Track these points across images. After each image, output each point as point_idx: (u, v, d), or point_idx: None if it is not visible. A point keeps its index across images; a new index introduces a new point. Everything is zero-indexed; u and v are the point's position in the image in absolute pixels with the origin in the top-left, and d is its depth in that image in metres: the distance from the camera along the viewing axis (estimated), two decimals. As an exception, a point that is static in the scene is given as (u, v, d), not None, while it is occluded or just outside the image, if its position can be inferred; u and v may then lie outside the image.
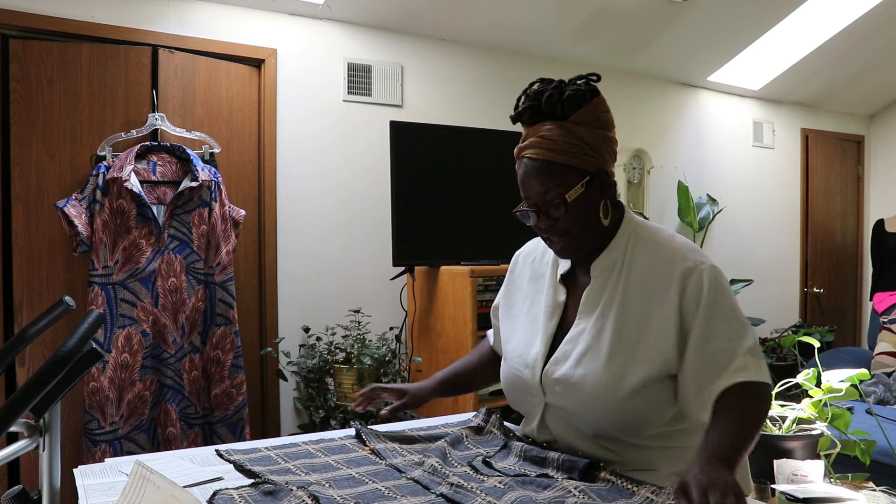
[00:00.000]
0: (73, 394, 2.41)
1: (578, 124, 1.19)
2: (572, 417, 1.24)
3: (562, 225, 1.22)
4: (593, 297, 1.25)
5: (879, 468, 2.30)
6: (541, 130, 1.21)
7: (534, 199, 1.23)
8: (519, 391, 1.33)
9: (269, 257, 2.98)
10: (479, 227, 3.02)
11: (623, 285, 1.22)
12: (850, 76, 4.72)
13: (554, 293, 1.32)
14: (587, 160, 1.20)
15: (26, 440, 1.13)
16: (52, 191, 2.51)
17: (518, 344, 1.35)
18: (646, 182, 4.11)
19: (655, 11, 3.53)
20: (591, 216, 1.23)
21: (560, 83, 1.22)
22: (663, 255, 1.22)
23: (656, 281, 1.20)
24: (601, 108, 1.22)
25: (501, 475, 1.17)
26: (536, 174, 1.21)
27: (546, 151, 1.19)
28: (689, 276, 1.17)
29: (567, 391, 1.22)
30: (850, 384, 1.85)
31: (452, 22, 3.33)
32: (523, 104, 1.24)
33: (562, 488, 1.09)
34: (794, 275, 5.10)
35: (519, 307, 1.40)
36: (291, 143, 3.04)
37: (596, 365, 1.19)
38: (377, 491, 1.11)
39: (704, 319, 1.15)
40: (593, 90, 1.23)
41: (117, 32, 2.64)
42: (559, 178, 1.19)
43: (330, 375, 2.78)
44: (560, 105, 1.20)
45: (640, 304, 1.20)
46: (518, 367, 1.32)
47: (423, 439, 1.41)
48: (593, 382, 1.18)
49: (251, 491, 1.08)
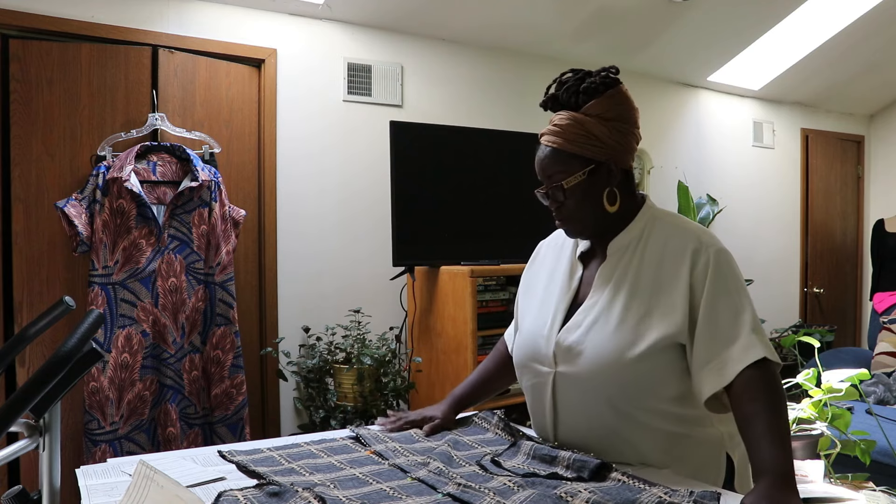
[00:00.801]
0: (73, 394, 2.41)
1: (589, 115, 1.28)
2: (581, 384, 1.26)
3: (566, 208, 1.31)
4: (608, 273, 1.31)
5: (879, 468, 2.30)
6: (556, 119, 1.31)
7: (543, 181, 1.34)
8: (532, 361, 1.36)
9: (269, 257, 2.98)
10: (479, 227, 3.02)
11: (637, 262, 1.29)
12: (850, 76, 4.72)
13: (571, 270, 1.39)
14: (593, 150, 1.28)
15: (26, 440, 1.13)
16: (52, 191, 2.51)
17: (534, 317, 1.40)
18: (646, 182, 4.11)
19: (655, 11, 3.53)
20: (595, 202, 1.30)
21: (585, 74, 1.31)
22: (678, 236, 1.29)
23: (669, 258, 1.26)
24: (614, 101, 1.29)
25: (511, 474, 1.17)
26: (546, 159, 1.32)
27: (555, 138, 1.29)
28: (699, 254, 1.24)
29: (577, 357, 1.26)
30: (850, 384, 1.85)
31: (452, 22, 3.33)
32: (548, 93, 1.35)
33: (571, 488, 1.09)
34: (794, 275, 5.10)
35: (536, 288, 1.46)
36: (291, 142, 3.04)
37: (605, 332, 1.25)
38: (382, 491, 1.11)
39: (711, 295, 1.21)
40: (608, 83, 1.29)
41: (117, 32, 2.64)
42: (563, 164, 1.29)
43: (330, 375, 2.78)
44: (575, 96, 1.29)
45: (653, 279, 1.26)
46: (533, 338, 1.37)
47: (422, 439, 1.41)
48: (601, 347, 1.24)
49: (256, 492, 1.08)
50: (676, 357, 1.23)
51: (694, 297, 1.22)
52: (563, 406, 1.30)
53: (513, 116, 3.61)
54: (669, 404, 1.24)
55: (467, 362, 2.72)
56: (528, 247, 1.60)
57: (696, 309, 1.21)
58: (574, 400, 1.29)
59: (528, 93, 3.70)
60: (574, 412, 1.29)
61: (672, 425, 1.24)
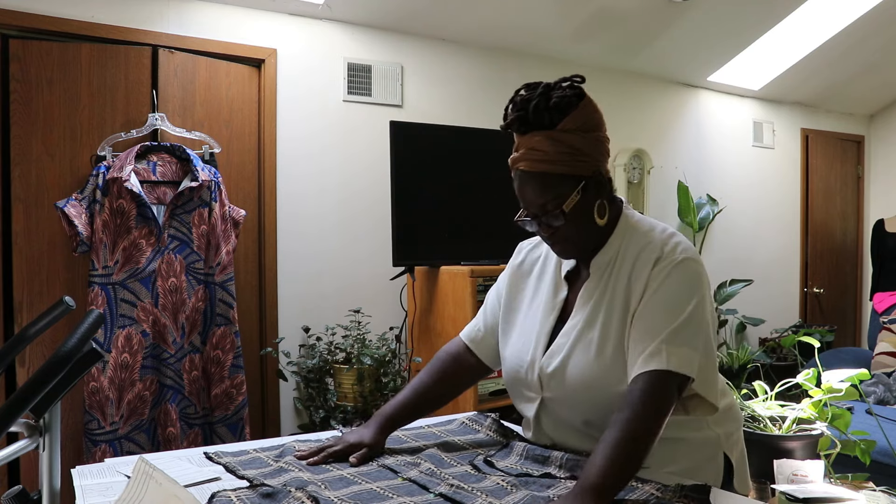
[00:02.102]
0: (73, 394, 2.41)
1: (567, 132, 1.18)
2: (566, 409, 1.25)
3: (563, 231, 1.23)
4: (589, 293, 1.27)
5: (879, 468, 2.30)
6: (531, 142, 1.19)
7: (532, 209, 1.23)
8: (519, 386, 1.34)
9: (269, 257, 2.99)
10: (479, 227, 3.02)
11: (615, 280, 1.24)
12: (849, 76, 4.72)
13: (555, 290, 1.34)
14: (580, 166, 1.20)
15: (26, 440, 1.13)
16: (52, 191, 2.51)
17: (516, 341, 1.36)
18: (646, 182, 4.11)
19: (655, 11, 3.53)
20: (588, 219, 1.23)
21: (546, 88, 1.21)
22: (646, 248, 1.23)
23: (637, 272, 1.22)
24: (588, 110, 1.21)
25: (504, 474, 1.17)
26: (532, 186, 1.21)
27: (538, 163, 1.19)
28: (658, 264, 1.19)
29: (561, 383, 1.24)
30: (850, 384, 1.85)
31: (452, 22, 3.33)
32: (511, 114, 1.22)
33: (565, 488, 1.09)
34: (794, 275, 5.10)
35: (520, 305, 1.40)
36: (291, 142, 3.04)
37: (587, 356, 1.21)
38: (372, 491, 1.10)
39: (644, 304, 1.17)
40: (579, 93, 1.21)
41: (117, 32, 2.64)
42: (555, 188, 1.20)
43: (330, 375, 2.78)
44: (547, 113, 1.18)
45: (625, 296, 1.22)
46: (517, 364, 1.33)
47: (409, 440, 1.41)
48: (584, 372, 1.21)
49: (249, 492, 1.08)
50: None
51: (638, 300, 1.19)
52: (552, 427, 1.30)
53: (513, 116, 3.61)
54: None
55: (467, 362, 2.72)
56: (528, 247, 1.58)
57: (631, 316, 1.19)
58: (563, 421, 1.28)
59: (528, 93, 3.70)
60: (566, 431, 1.28)
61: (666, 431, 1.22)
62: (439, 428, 1.50)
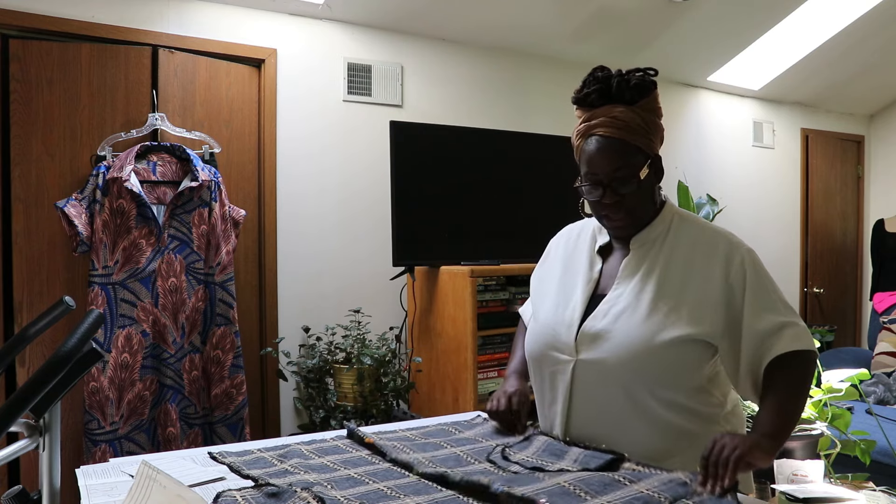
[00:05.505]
0: (73, 394, 2.41)
1: (645, 110, 1.30)
2: (603, 370, 1.27)
3: (628, 201, 1.30)
4: (633, 266, 1.33)
5: (879, 468, 2.30)
6: (613, 111, 1.29)
7: (602, 175, 1.29)
8: (551, 350, 1.36)
9: (269, 257, 2.98)
10: (479, 227, 3.02)
11: (664, 258, 1.31)
12: (849, 76, 4.72)
13: (591, 263, 1.41)
14: (651, 145, 1.31)
15: (26, 440, 1.13)
16: (52, 191, 2.51)
17: (551, 306, 1.41)
18: (646, 182, 4.10)
19: (655, 11, 3.53)
20: (648, 196, 1.33)
21: (623, 72, 1.32)
22: (707, 236, 1.32)
23: (699, 257, 1.29)
24: (658, 99, 1.34)
25: (519, 466, 1.18)
26: (609, 152, 1.28)
27: (619, 131, 1.28)
28: (732, 255, 1.27)
29: (603, 343, 1.28)
30: (850, 384, 1.86)
31: (452, 22, 3.33)
32: (591, 87, 1.32)
33: (574, 476, 1.09)
34: (794, 275, 5.10)
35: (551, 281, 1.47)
36: (291, 142, 3.04)
37: (634, 320, 1.27)
38: (379, 491, 1.10)
39: (752, 299, 1.24)
40: (654, 82, 1.33)
41: (117, 32, 2.64)
42: (630, 157, 1.28)
43: (330, 375, 2.78)
44: (629, 91, 1.29)
45: (681, 276, 1.28)
46: (552, 326, 1.37)
47: (419, 437, 1.41)
48: (631, 333, 1.26)
49: (254, 492, 1.08)
50: (701, 352, 1.26)
51: (734, 297, 1.25)
52: (579, 395, 1.31)
53: (513, 116, 3.61)
54: (685, 397, 1.25)
55: (467, 362, 2.72)
56: (527, 247, 1.60)
57: (739, 314, 1.24)
58: (592, 389, 1.29)
59: (528, 93, 3.70)
60: (589, 401, 1.30)
61: (684, 420, 1.25)
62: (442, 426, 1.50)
